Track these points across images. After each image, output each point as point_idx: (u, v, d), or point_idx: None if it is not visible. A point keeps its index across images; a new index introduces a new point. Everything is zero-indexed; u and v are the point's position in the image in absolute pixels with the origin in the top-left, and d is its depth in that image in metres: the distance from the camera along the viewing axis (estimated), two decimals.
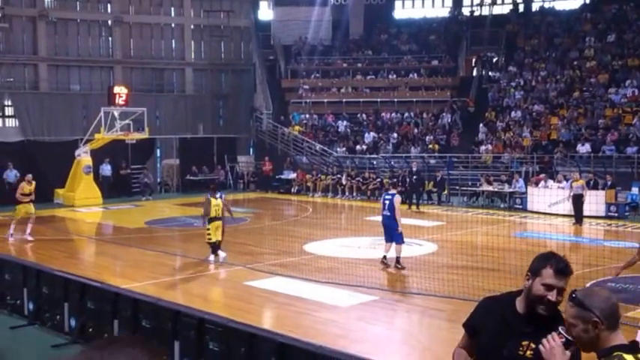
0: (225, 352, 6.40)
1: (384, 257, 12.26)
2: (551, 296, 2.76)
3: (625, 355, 2.34)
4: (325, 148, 27.93)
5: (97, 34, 29.35)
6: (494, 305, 3.03)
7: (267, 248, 14.56)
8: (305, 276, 11.46)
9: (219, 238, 12.58)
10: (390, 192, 12.57)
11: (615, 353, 2.35)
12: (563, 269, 2.79)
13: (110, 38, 29.57)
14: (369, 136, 28.32)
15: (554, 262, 2.81)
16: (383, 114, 29.90)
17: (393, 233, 12.11)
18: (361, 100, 30.75)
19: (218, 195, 12.81)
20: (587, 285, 10.46)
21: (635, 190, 19.45)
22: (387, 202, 12.22)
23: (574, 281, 10.36)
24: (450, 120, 28.42)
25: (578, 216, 17.38)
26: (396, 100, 30.31)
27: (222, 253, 12.69)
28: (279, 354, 5.88)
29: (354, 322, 8.98)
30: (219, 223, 12.52)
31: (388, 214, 12.15)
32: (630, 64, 26.42)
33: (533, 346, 2.72)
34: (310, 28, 33.03)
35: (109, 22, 29.41)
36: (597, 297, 2.45)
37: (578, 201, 17.37)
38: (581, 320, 2.40)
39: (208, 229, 12.44)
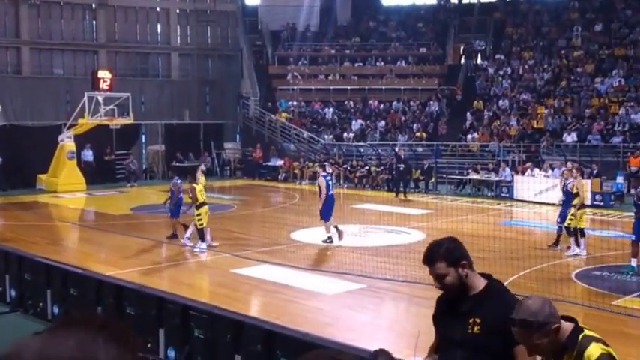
0: (210, 339, 6.33)
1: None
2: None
3: (585, 332, 2.55)
4: (313, 136, 27.81)
5: (81, 17, 28.82)
6: (444, 295, 3.06)
7: (254, 236, 14.49)
8: (292, 263, 11.41)
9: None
10: (324, 174, 13.79)
11: (581, 338, 2.52)
12: (423, 259, 2.95)
13: (94, 22, 29.07)
14: (357, 124, 28.24)
15: None
16: (370, 101, 29.82)
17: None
18: (349, 87, 30.62)
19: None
20: (572, 273, 10.52)
21: (620, 179, 19.58)
22: (331, 183, 13.68)
23: (563, 268, 10.33)
24: (437, 108, 28.42)
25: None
26: (383, 87, 30.22)
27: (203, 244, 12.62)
28: (266, 341, 5.83)
29: (340, 309, 8.96)
30: (207, 207, 12.51)
31: (333, 193, 13.48)
32: (617, 54, 26.55)
33: (478, 320, 2.79)
34: (298, 14, 32.75)
35: (93, 5, 28.88)
36: (540, 308, 2.53)
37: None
38: (545, 335, 2.51)
39: (199, 215, 12.35)
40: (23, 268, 8.97)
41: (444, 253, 2.86)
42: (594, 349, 2.48)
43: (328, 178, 13.68)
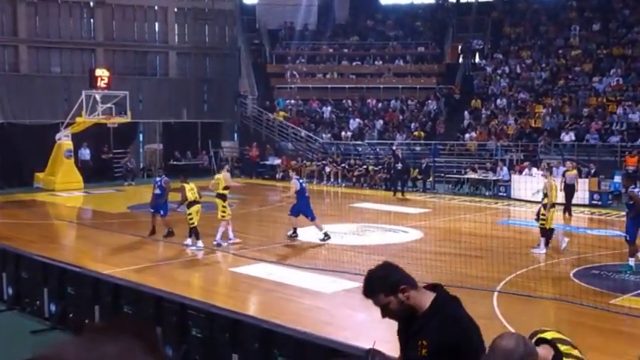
0: (208, 338, 6.31)
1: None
2: None
3: None
4: (310, 135, 27.79)
5: (79, 15, 28.75)
6: None
7: (251, 234, 14.46)
8: (290, 262, 11.39)
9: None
10: (297, 177, 14.38)
11: None
12: (362, 292, 2.85)
13: (92, 20, 29.00)
14: (355, 123, 28.22)
15: None
16: (368, 100, 29.79)
17: None
18: (347, 86, 30.58)
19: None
20: (571, 272, 10.51)
21: (617, 178, 19.60)
22: (305, 185, 14.19)
23: (562, 267, 10.28)
24: (435, 107, 28.42)
25: (568, 206, 17.35)
26: (381, 86, 30.19)
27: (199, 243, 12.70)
28: (263, 340, 5.81)
29: (338, 308, 8.94)
30: (199, 206, 12.58)
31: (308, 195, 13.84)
32: (615, 53, 26.54)
33: (425, 342, 2.70)
34: (296, 13, 32.70)
35: (91, 3, 28.82)
36: (514, 348, 2.32)
37: (570, 191, 17.34)
38: None
39: (190, 214, 12.47)
40: (20, 266, 8.94)
41: (380, 284, 2.78)
42: None
43: (301, 180, 14.31)
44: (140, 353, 1.02)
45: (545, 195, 12.14)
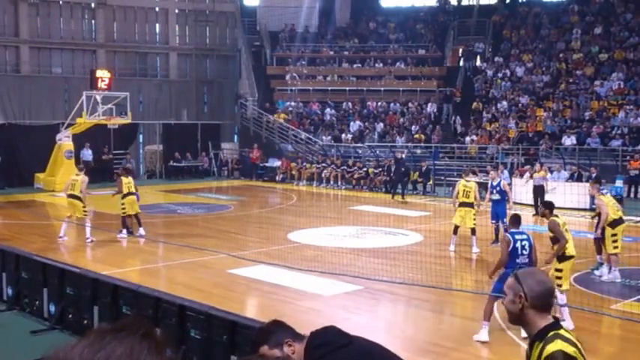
0: (207, 339, 6.29)
1: None
2: None
3: (560, 331, 2.64)
4: (310, 137, 27.78)
5: (80, 16, 28.79)
6: None
7: (251, 236, 14.45)
8: (289, 264, 11.37)
9: (137, 211, 13.71)
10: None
11: (551, 333, 2.63)
12: None
13: (93, 21, 29.04)
14: (355, 125, 28.22)
15: None
16: (369, 103, 29.79)
17: None
18: (347, 88, 30.59)
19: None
20: (571, 277, 10.50)
21: (619, 183, 19.58)
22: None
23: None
24: (435, 110, 28.40)
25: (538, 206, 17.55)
26: (382, 89, 30.20)
27: (141, 230, 13.75)
28: None
29: (337, 311, 8.92)
30: (132, 198, 13.57)
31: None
32: (616, 57, 26.54)
33: None
34: (297, 15, 32.73)
35: (92, 4, 28.86)
36: (532, 277, 2.76)
37: (540, 192, 17.60)
38: (512, 291, 2.75)
39: (123, 204, 13.53)
40: (20, 266, 8.93)
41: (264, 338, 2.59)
42: (554, 346, 2.59)
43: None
44: (146, 355, 1.02)
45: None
